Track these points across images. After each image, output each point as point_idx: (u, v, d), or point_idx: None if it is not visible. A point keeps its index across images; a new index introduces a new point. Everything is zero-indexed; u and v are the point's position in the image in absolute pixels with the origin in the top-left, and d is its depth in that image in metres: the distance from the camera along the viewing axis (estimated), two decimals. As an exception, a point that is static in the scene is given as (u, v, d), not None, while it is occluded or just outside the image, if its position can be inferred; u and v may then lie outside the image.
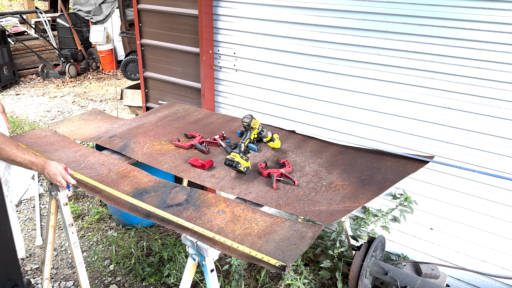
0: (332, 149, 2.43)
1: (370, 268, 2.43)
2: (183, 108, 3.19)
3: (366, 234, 2.85)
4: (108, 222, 3.56)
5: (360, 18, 2.46)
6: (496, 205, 2.35)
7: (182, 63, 3.46)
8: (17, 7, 14.60)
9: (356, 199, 1.91)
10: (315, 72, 2.76)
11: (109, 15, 8.64)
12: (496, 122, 2.21)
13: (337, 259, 2.65)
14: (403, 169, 2.16)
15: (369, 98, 2.58)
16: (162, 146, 2.46)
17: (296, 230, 1.71)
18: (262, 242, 1.64)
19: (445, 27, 2.20)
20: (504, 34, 2.06)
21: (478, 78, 2.20)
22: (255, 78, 3.10)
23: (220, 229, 1.72)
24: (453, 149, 2.38)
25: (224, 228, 1.73)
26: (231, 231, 1.71)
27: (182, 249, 2.91)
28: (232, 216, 1.81)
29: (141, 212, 1.87)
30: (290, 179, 2.05)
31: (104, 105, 6.88)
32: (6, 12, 8.74)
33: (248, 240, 1.65)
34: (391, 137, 2.58)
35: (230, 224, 1.75)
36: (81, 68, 8.68)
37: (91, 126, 2.82)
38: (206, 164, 2.18)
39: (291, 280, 2.64)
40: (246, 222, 1.77)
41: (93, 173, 2.14)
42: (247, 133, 2.22)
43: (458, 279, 2.62)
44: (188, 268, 1.84)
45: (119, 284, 2.87)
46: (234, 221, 1.77)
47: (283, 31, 2.81)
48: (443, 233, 2.59)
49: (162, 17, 3.42)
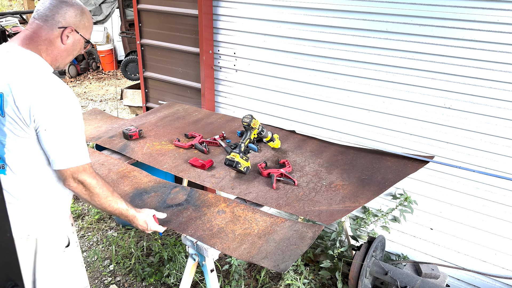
0: (332, 149, 2.43)
1: (370, 268, 2.43)
2: (183, 108, 3.19)
3: (366, 234, 2.85)
4: (108, 222, 3.56)
5: (360, 18, 2.46)
6: (496, 205, 2.35)
7: (182, 63, 3.46)
8: (17, 7, 14.60)
9: (356, 199, 1.91)
10: (315, 72, 2.76)
11: (109, 15, 8.64)
12: (496, 122, 2.21)
13: (337, 259, 2.65)
14: (403, 169, 2.16)
15: (369, 98, 2.58)
16: (162, 146, 2.46)
17: (296, 230, 1.71)
18: (262, 242, 1.64)
19: (445, 27, 2.20)
20: (504, 34, 2.06)
21: (478, 78, 2.20)
22: (255, 78, 3.09)
23: (220, 229, 1.72)
24: (453, 149, 2.38)
25: (224, 228, 1.73)
26: (231, 231, 1.71)
27: (182, 249, 2.91)
28: (232, 216, 1.81)
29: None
30: (290, 179, 2.05)
31: (104, 105, 6.88)
32: (6, 12, 8.74)
33: (248, 240, 1.65)
34: (391, 137, 2.58)
35: (230, 224, 1.75)
36: (81, 68, 8.68)
37: (91, 126, 2.82)
38: (206, 164, 2.18)
39: (291, 280, 2.64)
40: (246, 222, 1.77)
41: None
42: (247, 133, 2.22)
43: (458, 279, 2.62)
44: (188, 268, 1.84)
45: (119, 284, 2.87)
46: (234, 221, 1.77)
47: (283, 31, 2.81)
48: (443, 233, 2.59)
49: (162, 17, 3.42)
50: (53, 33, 1.43)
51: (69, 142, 1.40)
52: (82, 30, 1.50)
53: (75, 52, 1.53)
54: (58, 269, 1.62)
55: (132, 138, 2.51)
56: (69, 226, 1.67)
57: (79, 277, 1.79)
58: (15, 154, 1.40)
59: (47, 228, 1.54)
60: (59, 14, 1.43)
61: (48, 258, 1.58)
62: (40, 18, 1.42)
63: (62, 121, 1.37)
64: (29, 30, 1.43)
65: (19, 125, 1.34)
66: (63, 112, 1.37)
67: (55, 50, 1.45)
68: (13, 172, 1.42)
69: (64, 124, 1.38)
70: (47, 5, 1.43)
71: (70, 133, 1.40)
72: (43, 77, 1.38)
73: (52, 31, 1.43)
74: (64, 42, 1.46)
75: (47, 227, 1.53)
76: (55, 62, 1.48)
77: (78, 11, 1.47)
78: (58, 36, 1.44)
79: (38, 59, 1.42)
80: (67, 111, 1.38)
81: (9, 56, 1.38)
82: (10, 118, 1.33)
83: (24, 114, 1.32)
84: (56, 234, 1.58)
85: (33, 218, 1.49)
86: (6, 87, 1.32)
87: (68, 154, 1.40)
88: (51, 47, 1.44)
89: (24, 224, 1.48)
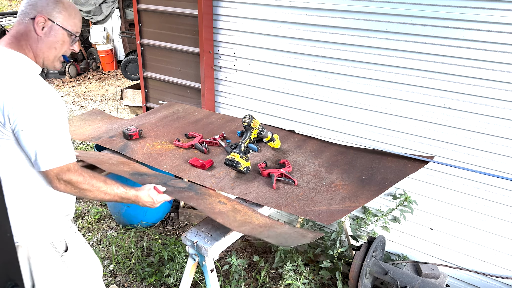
0: (332, 149, 2.43)
1: (370, 268, 2.43)
2: (183, 108, 3.19)
3: (366, 234, 2.85)
4: (108, 222, 3.56)
5: (360, 18, 2.46)
6: (496, 205, 2.35)
7: (182, 63, 3.46)
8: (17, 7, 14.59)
9: (356, 199, 1.91)
10: (315, 72, 2.76)
11: (109, 15, 8.64)
12: (496, 122, 2.21)
13: (337, 259, 2.65)
14: (403, 169, 2.16)
15: (369, 98, 2.58)
16: (162, 146, 2.46)
17: (296, 231, 1.73)
18: (263, 229, 1.66)
19: (445, 27, 2.20)
20: (504, 34, 2.06)
21: (478, 78, 2.20)
22: (255, 78, 3.09)
23: (222, 212, 1.74)
24: (453, 149, 2.38)
25: (225, 212, 1.75)
26: (232, 216, 1.74)
27: (182, 249, 2.91)
28: (233, 208, 1.83)
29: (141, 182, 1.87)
30: (290, 179, 2.05)
31: (104, 105, 6.88)
32: (6, 12, 8.73)
33: (249, 225, 1.68)
34: (391, 137, 2.58)
35: (231, 212, 1.78)
36: (81, 68, 8.67)
37: (91, 126, 2.82)
38: (206, 164, 2.18)
39: (291, 280, 2.64)
40: (247, 216, 1.79)
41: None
42: (247, 133, 2.22)
43: (458, 279, 2.62)
44: (188, 268, 1.84)
45: (119, 284, 2.87)
46: (234, 212, 1.80)
47: (283, 31, 2.81)
48: (443, 233, 2.59)
49: (162, 17, 3.42)
50: (28, 26, 1.39)
51: (49, 142, 1.34)
52: (58, 19, 1.42)
53: (57, 45, 1.44)
54: (57, 277, 1.54)
55: (132, 138, 2.51)
56: (66, 229, 1.58)
57: (88, 278, 1.69)
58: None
59: (38, 236, 1.47)
60: (30, 4, 1.40)
61: (44, 266, 1.49)
62: (19, 15, 1.40)
63: (40, 120, 1.31)
64: (13, 30, 1.41)
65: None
66: (40, 110, 1.31)
67: (34, 44, 1.40)
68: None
69: (42, 123, 1.31)
70: (25, 0, 1.41)
71: (49, 132, 1.33)
72: (20, 76, 1.32)
73: (26, 23, 1.39)
74: (38, 33, 1.39)
75: (37, 234, 1.46)
76: (38, 58, 1.42)
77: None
78: (32, 27, 1.39)
79: (23, 58, 1.38)
80: (45, 109, 1.32)
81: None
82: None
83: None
84: (49, 241, 1.51)
85: (22, 226, 1.42)
86: None
87: (49, 155, 1.34)
88: (29, 41, 1.39)
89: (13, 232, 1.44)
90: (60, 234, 1.55)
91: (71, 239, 1.62)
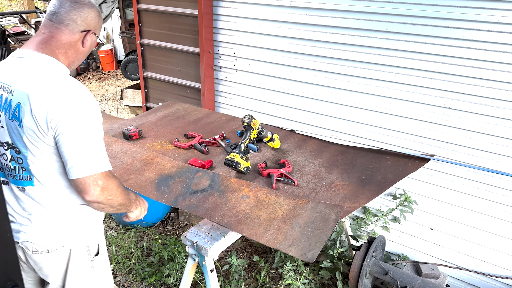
0: (332, 149, 2.43)
1: (370, 268, 2.43)
2: (183, 107, 3.19)
3: (366, 234, 2.85)
4: (108, 222, 3.56)
5: (360, 18, 2.46)
6: (496, 205, 2.35)
7: (182, 63, 3.46)
8: (17, 7, 14.59)
9: (356, 199, 1.91)
10: (315, 72, 2.76)
11: (109, 15, 8.62)
12: (496, 122, 2.21)
13: (337, 259, 2.65)
14: (403, 169, 2.16)
15: (369, 98, 2.58)
16: (162, 146, 2.46)
17: (319, 212, 1.75)
18: (287, 227, 1.67)
19: (445, 27, 2.20)
20: (504, 34, 2.06)
21: (478, 78, 2.20)
22: (255, 78, 3.09)
23: (246, 214, 1.76)
24: (453, 149, 2.38)
25: (250, 213, 1.77)
26: (257, 216, 1.75)
27: (182, 249, 2.91)
28: (256, 201, 1.84)
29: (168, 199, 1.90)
30: (290, 179, 2.05)
31: (104, 105, 6.88)
32: (6, 12, 8.74)
33: (273, 225, 1.69)
34: (391, 137, 2.58)
35: (255, 210, 1.79)
36: (81, 68, 8.67)
37: (91, 126, 2.81)
38: (206, 164, 2.18)
39: (291, 280, 2.64)
40: (270, 207, 1.80)
41: (118, 162, 2.17)
42: (247, 133, 2.22)
43: (458, 279, 2.62)
44: (188, 268, 1.84)
45: (119, 284, 2.87)
46: (258, 206, 1.81)
47: (283, 31, 2.81)
48: (443, 233, 2.59)
49: (162, 17, 3.42)
50: (75, 37, 1.40)
51: (89, 147, 1.32)
52: (98, 31, 1.49)
53: (89, 53, 1.53)
54: (84, 282, 1.56)
55: (132, 138, 2.51)
56: (101, 232, 1.61)
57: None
58: (39, 166, 1.35)
59: (81, 238, 1.50)
60: (81, 17, 1.40)
61: (78, 269, 1.53)
62: (59, 22, 1.37)
63: (81, 124, 1.30)
64: (46, 34, 1.38)
65: (37, 136, 1.29)
66: (81, 115, 1.30)
67: (75, 54, 1.43)
68: (41, 183, 1.37)
69: (83, 127, 1.30)
70: (67, 8, 1.38)
71: (89, 137, 1.32)
72: (60, 81, 1.32)
73: (74, 34, 1.40)
74: (85, 46, 1.45)
75: (81, 236, 1.50)
76: (72, 65, 1.45)
77: (97, 13, 1.45)
78: (80, 40, 1.42)
79: (55, 62, 1.37)
80: (86, 114, 1.31)
81: (25, 62, 1.33)
82: (29, 129, 1.28)
83: (41, 122, 1.26)
84: (88, 243, 1.54)
85: (67, 229, 1.45)
86: (24, 96, 1.27)
87: (89, 160, 1.31)
88: (71, 51, 1.41)
89: (58, 235, 1.43)
90: (96, 237, 1.58)
91: (103, 242, 1.64)
